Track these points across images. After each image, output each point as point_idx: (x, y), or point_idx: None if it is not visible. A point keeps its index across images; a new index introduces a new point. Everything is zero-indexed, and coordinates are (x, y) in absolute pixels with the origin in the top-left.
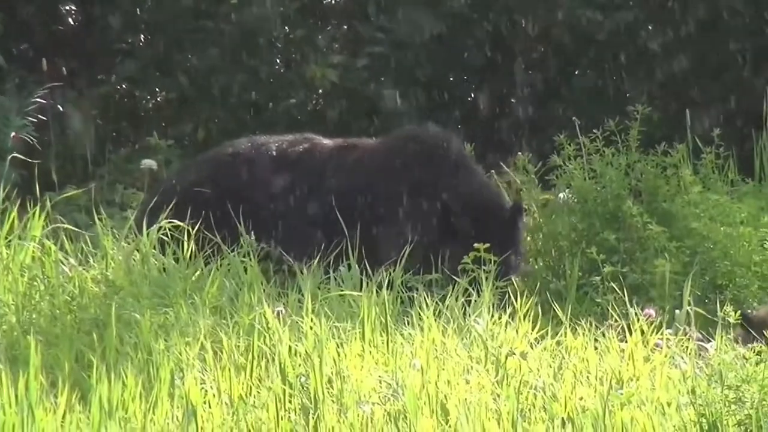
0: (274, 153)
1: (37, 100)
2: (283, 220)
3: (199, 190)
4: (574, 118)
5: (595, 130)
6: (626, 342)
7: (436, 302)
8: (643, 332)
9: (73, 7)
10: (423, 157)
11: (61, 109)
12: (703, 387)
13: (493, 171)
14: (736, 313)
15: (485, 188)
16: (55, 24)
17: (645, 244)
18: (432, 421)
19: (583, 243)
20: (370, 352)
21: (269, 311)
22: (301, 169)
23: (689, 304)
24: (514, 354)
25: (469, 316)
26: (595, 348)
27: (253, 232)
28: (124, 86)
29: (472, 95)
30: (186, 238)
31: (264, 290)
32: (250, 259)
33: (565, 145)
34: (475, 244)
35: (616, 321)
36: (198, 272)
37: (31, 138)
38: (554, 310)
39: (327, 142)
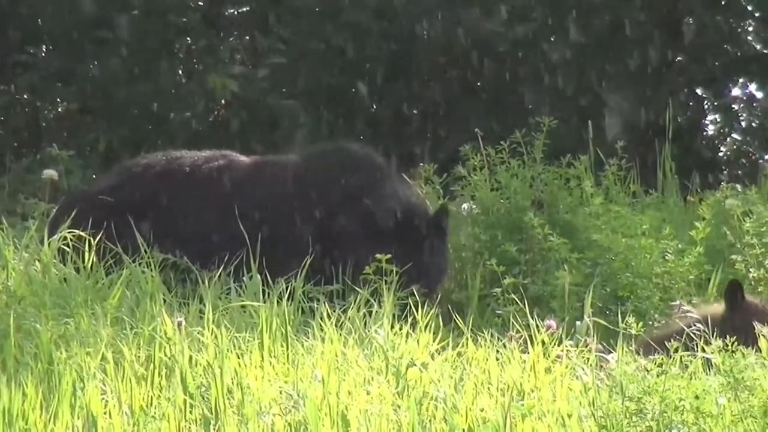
0: (187, 167)
1: None
2: (195, 232)
3: (106, 199)
4: (476, 129)
5: (502, 142)
6: (528, 353)
7: (338, 313)
8: (544, 343)
9: None
10: (344, 170)
11: None
12: (604, 398)
13: None
14: (637, 324)
15: (407, 199)
16: None
17: (546, 255)
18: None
19: (486, 254)
20: (271, 362)
21: (169, 321)
22: (214, 182)
23: (590, 316)
24: (415, 365)
25: (370, 327)
26: (497, 359)
27: (160, 244)
28: (25, 96)
29: (374, 106)
30: (87, 248)
31: (165, 300)
32: (152, 270)
33: (470, 156)
34: (378, 255)
35: (517, 332)
36: (99, 282)
37: None
38: (456, 321)
39: (244, 159)
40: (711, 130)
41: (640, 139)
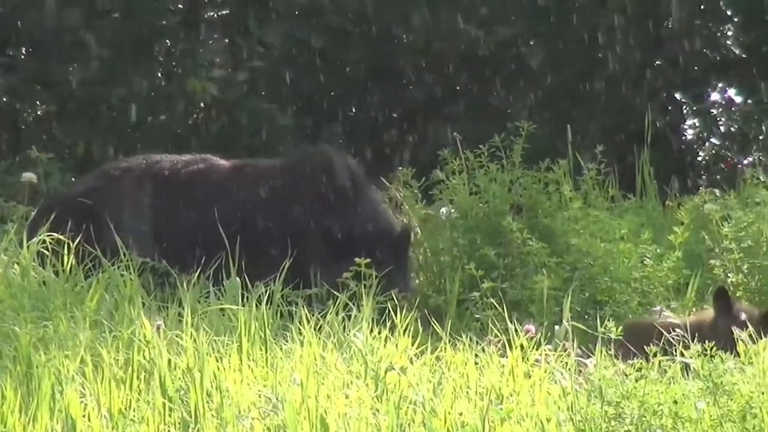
0: (166, 171)
1: None
2: (174, 235)
3: (85, 202)
4: (455, 133)
5: (481, 146)
6: (506, 357)
7: (317, 317)
8: (523, 348)
9: None
10: (316, 180)
11: None
12: (582, 403)
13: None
14: (617, 328)
15: (376, 212)
16: None
17: (525, 259)
18: None
19: (465, 258)
20: (250, 366)
21: (148, 325)
22: (193, 186)
23: (569, 320)
24: (394, 369)
25: (349, 330)
26: (476, 363)
27: (139, 247)
28: (4, 99)
29: (354, 109)
30: (66, 251)
31: (144, 304)
32: (131, 273)
33: (449, 160)
34: (356, 259)
35: (496, 336)
36: (78, 285)
37: None
38: (434, 325)
39: (224, 162)
40: (690, 134)
41: (619, 144)
